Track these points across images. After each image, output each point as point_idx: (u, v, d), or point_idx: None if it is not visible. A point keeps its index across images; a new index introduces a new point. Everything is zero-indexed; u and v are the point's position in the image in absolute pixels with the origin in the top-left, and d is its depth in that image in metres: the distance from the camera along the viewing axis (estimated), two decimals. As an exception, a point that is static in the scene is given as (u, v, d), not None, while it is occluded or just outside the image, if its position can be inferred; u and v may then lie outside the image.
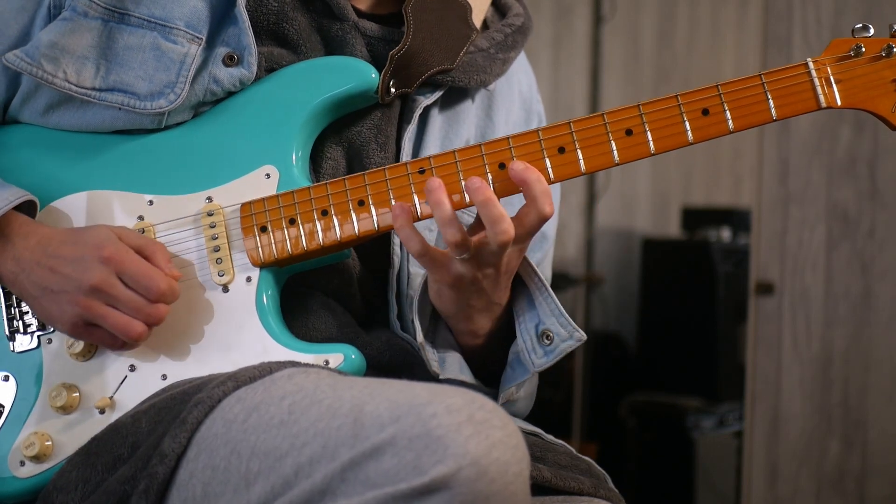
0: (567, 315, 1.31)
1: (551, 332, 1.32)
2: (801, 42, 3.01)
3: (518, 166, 1.26)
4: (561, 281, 4.20)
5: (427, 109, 1.44)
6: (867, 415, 2.97)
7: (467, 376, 1.38)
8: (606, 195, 4.46)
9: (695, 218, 4.59)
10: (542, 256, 1.55)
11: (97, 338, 1.28)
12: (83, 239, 1.29)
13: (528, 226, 1.26)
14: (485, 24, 1.52)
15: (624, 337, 4.64)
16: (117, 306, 1.26)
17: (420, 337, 1.34)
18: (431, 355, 1.36)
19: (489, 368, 1.41)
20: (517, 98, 1.56)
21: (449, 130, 1.46)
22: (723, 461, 3.95)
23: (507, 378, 1.38)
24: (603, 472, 1.38)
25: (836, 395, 3.00)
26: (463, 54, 1.43)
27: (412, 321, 1.36)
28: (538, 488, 1.27)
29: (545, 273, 1.55)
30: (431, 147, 1.43)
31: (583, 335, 1.31)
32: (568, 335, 1.31)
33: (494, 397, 1.39)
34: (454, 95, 1.47)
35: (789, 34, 3.04)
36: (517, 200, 1.48)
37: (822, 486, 3.02)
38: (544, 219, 1.26)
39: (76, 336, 1.29)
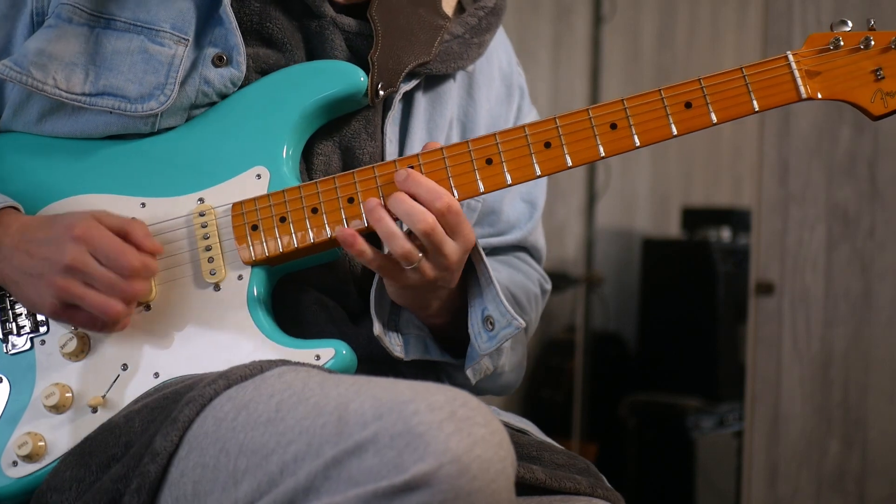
0: (506, 304, 1.33)
1: (493, 319, 1.34)
2: (800, 42, 2.99)
3: (369, 204, 1.29)
4: (561, 281, 4.19)
5: (411, 94, 1.46)
6: (867, 415, 2.97)
7: (434, 354, 1.40)
8: (606, 195, 4.45)
9: (695, 218, 4.59)
10: (533, 226, 1.59)
11: (79, 320, 1.29)
12: (58, 221, 1.30)
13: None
14: (460, 7, 1.54)
15: (624, 337, 4.64)
16: (94, 284, 1.26)
17: (377, 329, 1.35)
18: (395, 340, 1.38)
19: (459, 344, 1.42)
20: (497, 74, 1.58)
21: (433, 113, 1.48)
22: (723, 461, 3.95)
23: (468, 357, 1.39)
24: (599, 473, 1.38)
25: (836, 395, 3.00)
26: (437, 45, 1.45)
27: (372, 314, 1.37)
28: (534, 489, 1.27)
29: (539, 241, 1.61)
30: (417, 130, 1.46)
31: (521, 323, 1.32)
32: (507, 322, 1.33)
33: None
34: (436, 77, 1.49)
35: (789, 34, 3.04)
36: (508, 193, 1.54)
37: (822, 486, 3.01)
38: (423, 232, 1.27)
39: (58, 318, 1.30)
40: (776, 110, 3.00)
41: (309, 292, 1.39)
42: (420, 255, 1.28)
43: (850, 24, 1.33)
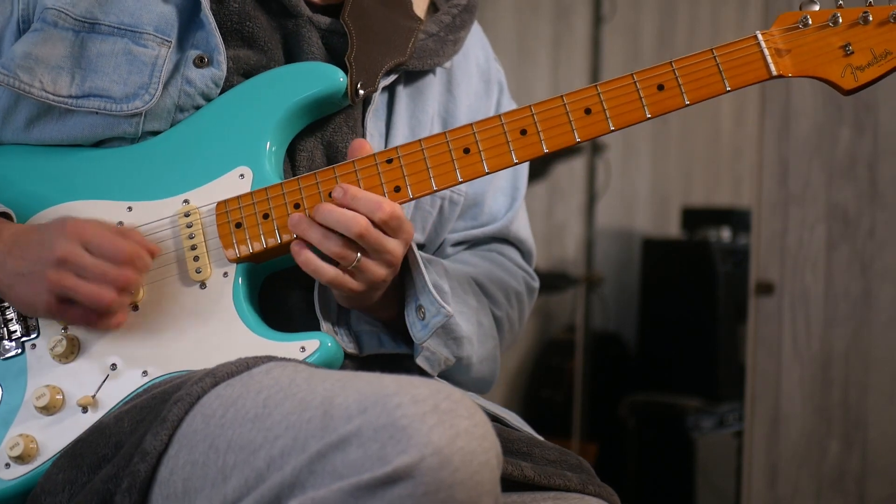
0: (435, 293, 1.35)
1: (424, 308, 1.35)
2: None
3: (293, 220, 1.31)
4: (561, 281, 4.20)
5: (392, 88, 1.49)
6: (867, 415, 2.97)
7: (389, 347, 1.42)
8: (606, 195, 4.45)
9: (695, 218, 4.59)
10: (513, 216, 1.61)
11: (75, 315, 1.30)
12: (49, 224, 1.32)
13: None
14: (434, 7, 1.57)
15: (624, 337, 4.64)
16: (85, 276, 1.27)
17: (325, 328, 1.37)
18: (346, 338, 1.39)
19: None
20: (475, 71, 1.60)
21: (415, 108, 1.51)
22: (723, 461, 3.95)
23: (415, 347, 1.41)
24: (591, 469, 1.38)
25: (836, 395, 3.00)
26: (412, 45, 1.47)
27: (318, 315, 1.38)
28: (525, 485, 1.27)
29: (521, 233, 1.63)
30: (400, 125, 1.48)
31: (449, 311, 1.34)
32: (436, 311, 1.34)
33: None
34: (416, 73, 1.52)
35: (789, 34, 3.03)
36: (490, 187, 1.58)
37: (822, 486, 3.01)
38: (358, 234, 1.29)
39: (54, 316, 1.31)
40: (776, 110, 3.01)
41: (294, 290, 1.40)
42: (357, 254, 1.30)
43: (818, 3, 1.35)
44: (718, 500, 3.95)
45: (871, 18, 1.33)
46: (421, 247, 1.53)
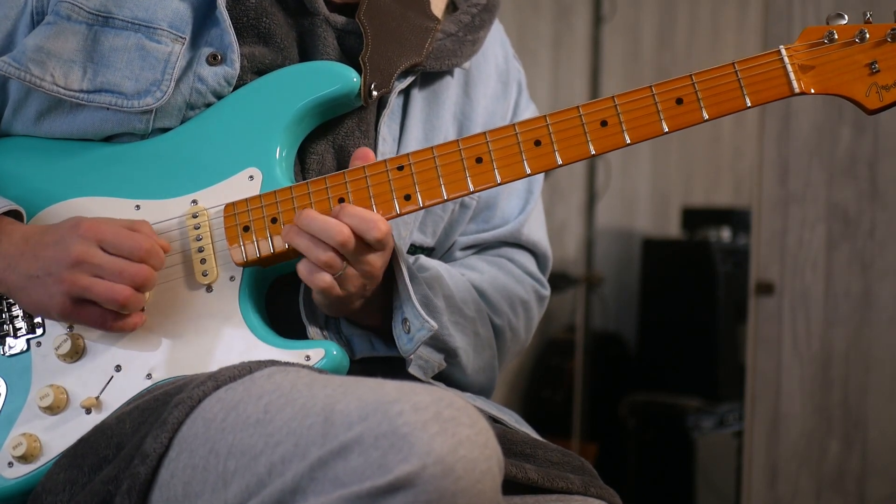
0: (419, 307, 1.33)
1: (409, 321, 1.33)
2: (800, 42, 2.99)
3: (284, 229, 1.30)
4: (561, 281, 4.19)
5: (408, 91, 1.47)
6: (867, 415, 2.97)
7: (381, 350, 1.40)
8: (606, 195, 4.45)
9: (695, 218, 4.59)
10: (524, 220, 1.58)
11: (89, 316, 1.29)
12: (62, 224, 1.30)
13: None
14: (452, 6, 1.55)
15: (624, 337, 4.64)
16: (101, 274, 1.26)
17: (313, 334, 1.36)
18: (337, 343, 1.37)
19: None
20: (493, 72, 1.58)
21: (430, 112, 1.49)
22: (723, 461, 3.95)
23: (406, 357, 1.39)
24: (594, 471, 1.37)
25: (836, 395, 3.00)
26: (428, 46, 1.45)
27: (304, 321, 1.37)
28: (528, 487, 1.27)
29: (533, 236, 1.60)
30: (413, 129, 1.46)
31: (433, 325, 1.32)
32: (420, 325, 1.32)
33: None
34: (433, 75, 1.50)
35: (789, 34, 3.04)
36: (504, 190, 1.55)
37: (822, 486, 3.01)
38: (340, 243, 1.27)
39: (68, 318, 1.30)
40: (776, 110, 3.01)
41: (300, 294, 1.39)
42: (343, 262, 1.28)
43: (846, 17, 1.30)
44: (718, 500, 3.95)
45: None
46: (430, 250, 1.52)
